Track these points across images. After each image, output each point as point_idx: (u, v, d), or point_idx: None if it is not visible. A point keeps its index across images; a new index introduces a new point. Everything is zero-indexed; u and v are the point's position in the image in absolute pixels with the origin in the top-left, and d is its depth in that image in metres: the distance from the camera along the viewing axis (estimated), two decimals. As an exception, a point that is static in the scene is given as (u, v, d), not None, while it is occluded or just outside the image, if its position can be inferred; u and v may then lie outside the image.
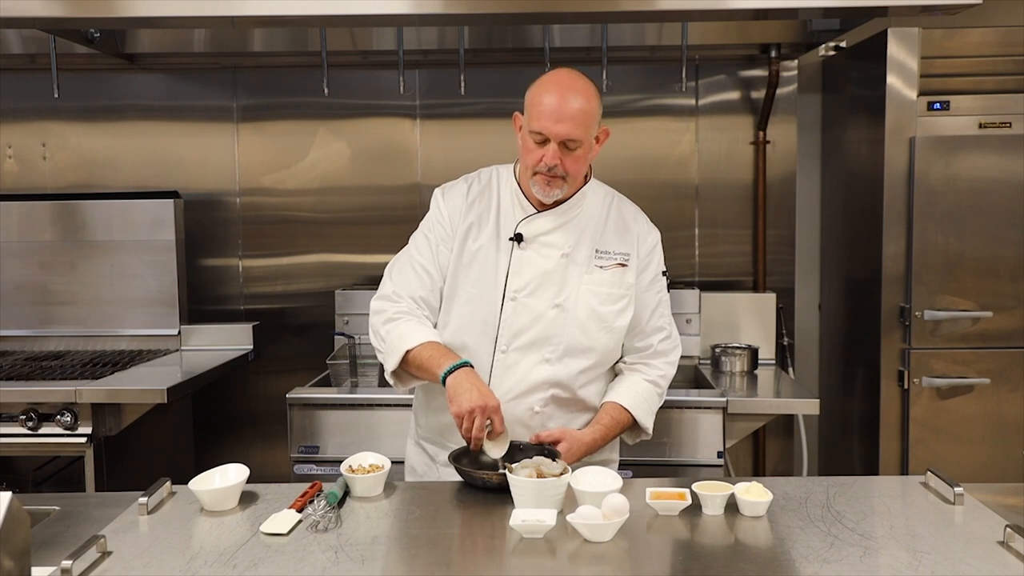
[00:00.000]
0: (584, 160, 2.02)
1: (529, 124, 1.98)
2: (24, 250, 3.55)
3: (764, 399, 2.96)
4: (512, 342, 2.04)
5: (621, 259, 2.09)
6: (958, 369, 3.12)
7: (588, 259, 2.08)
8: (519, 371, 2.04)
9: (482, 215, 2.10)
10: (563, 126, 1.93)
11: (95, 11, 2.41)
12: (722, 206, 3.65)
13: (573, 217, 2.08)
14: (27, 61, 3.52)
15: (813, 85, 3.75)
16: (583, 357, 2.06)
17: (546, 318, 2.04)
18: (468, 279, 2.07)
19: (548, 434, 1.97)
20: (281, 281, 3.76)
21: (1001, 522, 1.62)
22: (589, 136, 1.99)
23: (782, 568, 1.48)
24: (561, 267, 2.05)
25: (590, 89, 1.99)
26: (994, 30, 3.10)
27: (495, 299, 2.05)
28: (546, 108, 1.94)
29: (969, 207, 3.07)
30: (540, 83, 2.00)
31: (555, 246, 2.06)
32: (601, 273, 2.07)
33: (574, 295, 2.05)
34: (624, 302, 2.09)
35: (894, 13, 2.52)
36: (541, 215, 2.07)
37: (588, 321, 2.05)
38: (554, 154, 1.95)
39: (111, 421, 2.91)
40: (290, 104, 3.69)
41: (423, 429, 2.20)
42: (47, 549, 1.60)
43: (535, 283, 2.05)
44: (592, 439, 2.03)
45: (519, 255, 2.06)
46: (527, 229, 2.06)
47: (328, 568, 1.49)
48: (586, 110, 1.95)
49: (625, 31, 3.38)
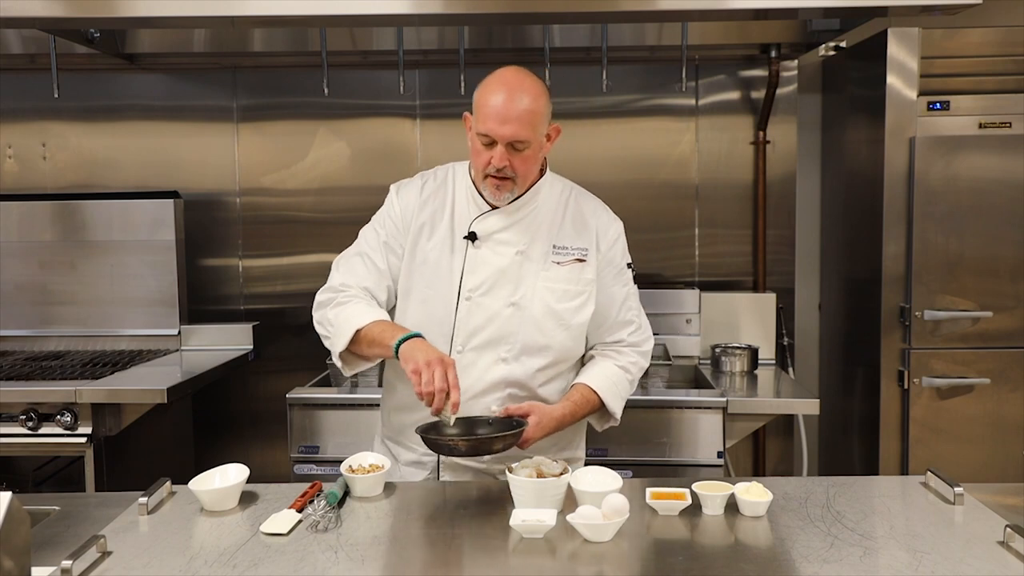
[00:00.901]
0: (534, 160, 1.98)
1: (477, 125, 1.94)
2: (24, 250, 3.55)
3: (764, 399, 2.96)
4: (468, 342, 2.02)
5: (579, 254, 2.06)
6: (958, 369, 3.12)
7: (544, 256, 2.04)
8: (476, 371, 2.01)
9: (436, 214, 2.07)
10: (509, 127, 1.90)
11: (95, 11, 2.41)
12: (722, 206, 3.65)
13: (528, 214, 2.05)
14: (27, 61, 3.52)
15: (813, 85, 3.75)
16: (540, 356, 2.04)
17: (501, 317, 2.01)
18: (422, 279, 2.05)
19: (517, 408, 1.95)
20: (281, 281, 3.76)
21: (1001, 522, 1.62)
22: (538, 136, 1.95)
23: (782, 568, 1.48)
24: (516, 265, 2.03)
25: (537, 87, 1.95)
26: (994, 30, 3.10)
27: (450, 299, 2.03)
28: (492, 109, 1.90)
29: (969, 207, 3.07)
30: (486, 83, 1.96)
31: (510, 244, 2.04)
32: (558, 269, 2.04)
33: (530, 293, 2.02)
34: (582, 299, 2.06)
35: (894, 13, 2.52)
36: (494, 213, 2.04)
37: (544, 319, 2.03)
38: (502, 156, 1.92)
39: (111, 421, 2.91)
40: (290, 104, 3.69)
41: (387, 428, 2.19)
42: (47, 549, 1.60)
43: (490, 282, 2.02)
44: (562, 414, 2.00)
45: (473, 254, 2.03)
46: (480, 227, 2.04)
47: (328, 568, 1.49)
48: (533, 110, 1.91)
49: (625, 31, 3.37)
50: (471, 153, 2.01)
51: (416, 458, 2.12)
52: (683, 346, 3.42)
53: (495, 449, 1.83)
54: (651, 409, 2.83)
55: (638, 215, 3.61)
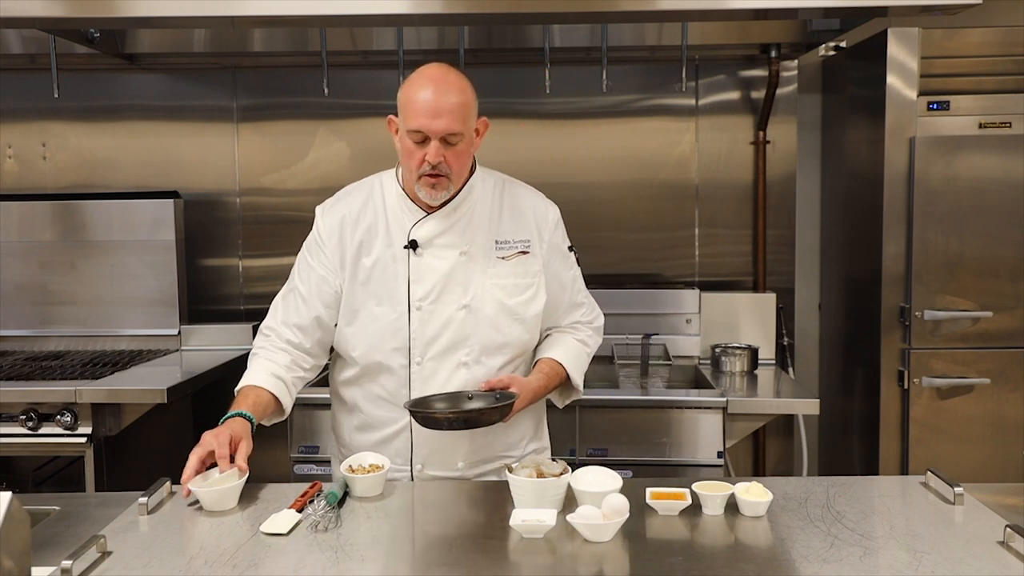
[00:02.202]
0: (467, 155, 1.97)
1: (406, 124, 1.91)
2: (24, 250, 3.55)
3: (764, 399, 2.96)
4: (426, 351, 2.00)
5: (522, 247, 2.05)
6: (958, 369, 3.12)
7: (488, 252, 2.03)
8: (438, 379, 1.99)
9: (370, 228, 2.04)
10: (442, 121, 1.88)
11: (95, 11, 2.41)
12: (722, 206, 3.65)
13: (464, 213, 2.03)
14: (27, 61, 3.52)
15: (813, 85, 3.75)
16: (499, 354, 2.03)
17: (455, 321, 2.00)
18: (368, 295, 2.02)
19: (498, 380, 1.96)
20: (281, 281, 3.69)
21: (1001, 522, 1.62)
22: (469, 128, 1.93)
23: (782, 568, 1.48)
24: (462, 266, 2.01)
25: (463, 81, 1.95)
26: (994, 30, 3.10)
27: (401, 310, 2.00)
28: (422, 105, 1.89)
29: (969, 207, 3.07)
30: (411, 80, 1.95)
31: (452, 246, 2.01)
32: (504, 264, 2.03)
33: (480, 293, 2.01)
34: (532, 291, 2.05)
35: (894, 13, 2.52)
36: (432, 217, 2.01)
37: (498, 316, 2.01)
38: (436, 151, 1.89)
39: (111, 421, 2.91)
40: (290, 104, 3.69)
41: (346, 449, 2.14)
42: (47, 549, 1.60)
43: (438, 288, 2.00)
44: (538, 386, 2.02)
45: (417, 262, 2.01)
46: (420, 234, 2.01)
47: (328, 568, 1.49)
48: (462, 102, 1.91)
49: (625, 31, 3.37)
50: (401, 155, 1.98)
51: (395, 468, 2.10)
52: (683, 346, 3.42)
53: (491, 420, 1.86)
54: (651, 409, 2.83)
55: (638, 215, 3.63)
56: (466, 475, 2.04)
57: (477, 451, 2.03)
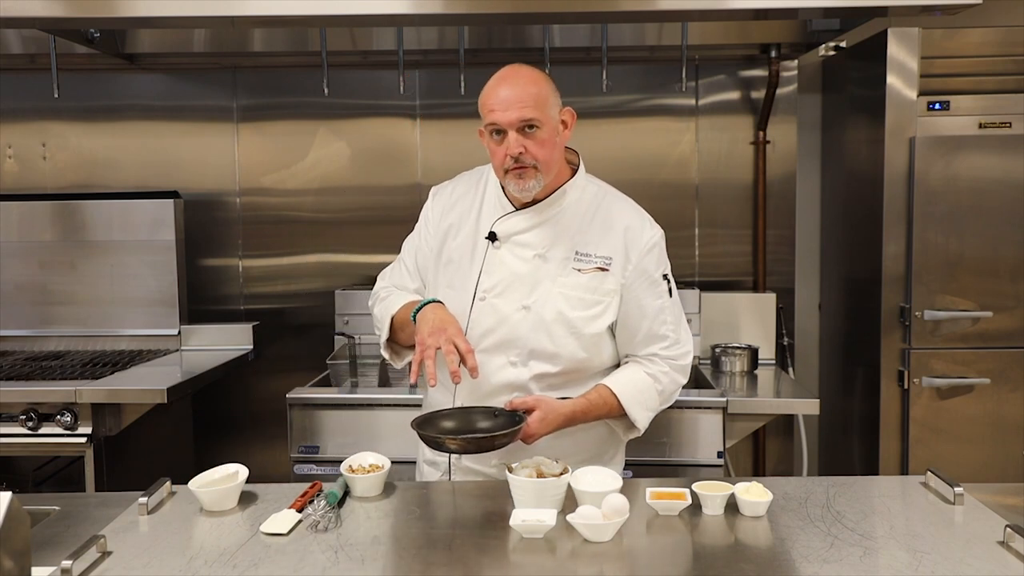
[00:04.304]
0: (551, 144, 1.93)
1: (484, 122, 1.95)
2: (24, 250, 3.55)
3: (764, 399, 2.96)
4: (479, 343, 1.99)
5: (602, 263, 2.00)
6: (958, 369, 3.12)
7: (565, 261, 2.00)
8: (485, 372, 1.97)
9: (464, 214, 2.09)
10: (513, 111, 1.88)
11: (95, 11, 2.41)
12: (722, 206, 3.65)
13: (551, 216, 2.01)
14: (27, 61, 3.51)
15: (813, 85, 3.75)
16: (549, 362, 1.99)
17: (512, 320, 1.99)
18: (444, 277, 2.08)
19: (522, 401, 1.91)
20: (281, 281, 3.76)
21: (1001, 522, 1.62)
22: (548, 116, 1.92)
23: (782, 568, 1.48)
24: (534, 268, 2.00)
25: (536, 73, 1.95)
26: (994, 30, 3.10)
27: (466, 299, 2.02)
28: (493, 100, 1.91)
29: (969, 207, 3.07)
30: (487, 84, 1.97)
31: (529, 246, 2.01)
32: (578, 276, 1.99)
33: (543, 298, 1.98)
34: (599, 308, 2.00)
35: (894, 13, 2.52)
36: (517, 214, 2.02)
37: (554, 325, 1.98)
38: (515, 142, 1.89)
39: (111, 421, 2.91)
40: (290, 104, 3.69)
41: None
42: (47, 549, 1.60)
43: (505, 283, 2.00)
44: (571, 411, 1.94)
45: (493, 254, 2.03)
46: (502, 228, 2.03)
47: (328, 568, 1.49)
48: (533, 91, 1.90)
49: (625, 31, 3.37)
50: (491, 158, 2.00)
51: (433, 457, 2.13)
52: (683, 346, 3.42)
53: (496, 446, 1.82)
54: (651, 409, 2.82)
55: (638, 215, 3.62)
56: (500, 475, 1.98)
57: (514, 455, 1.94)
